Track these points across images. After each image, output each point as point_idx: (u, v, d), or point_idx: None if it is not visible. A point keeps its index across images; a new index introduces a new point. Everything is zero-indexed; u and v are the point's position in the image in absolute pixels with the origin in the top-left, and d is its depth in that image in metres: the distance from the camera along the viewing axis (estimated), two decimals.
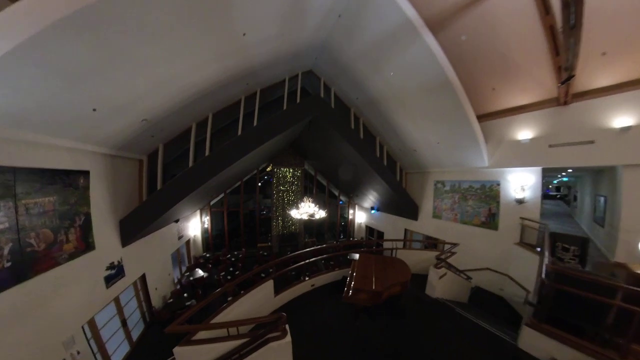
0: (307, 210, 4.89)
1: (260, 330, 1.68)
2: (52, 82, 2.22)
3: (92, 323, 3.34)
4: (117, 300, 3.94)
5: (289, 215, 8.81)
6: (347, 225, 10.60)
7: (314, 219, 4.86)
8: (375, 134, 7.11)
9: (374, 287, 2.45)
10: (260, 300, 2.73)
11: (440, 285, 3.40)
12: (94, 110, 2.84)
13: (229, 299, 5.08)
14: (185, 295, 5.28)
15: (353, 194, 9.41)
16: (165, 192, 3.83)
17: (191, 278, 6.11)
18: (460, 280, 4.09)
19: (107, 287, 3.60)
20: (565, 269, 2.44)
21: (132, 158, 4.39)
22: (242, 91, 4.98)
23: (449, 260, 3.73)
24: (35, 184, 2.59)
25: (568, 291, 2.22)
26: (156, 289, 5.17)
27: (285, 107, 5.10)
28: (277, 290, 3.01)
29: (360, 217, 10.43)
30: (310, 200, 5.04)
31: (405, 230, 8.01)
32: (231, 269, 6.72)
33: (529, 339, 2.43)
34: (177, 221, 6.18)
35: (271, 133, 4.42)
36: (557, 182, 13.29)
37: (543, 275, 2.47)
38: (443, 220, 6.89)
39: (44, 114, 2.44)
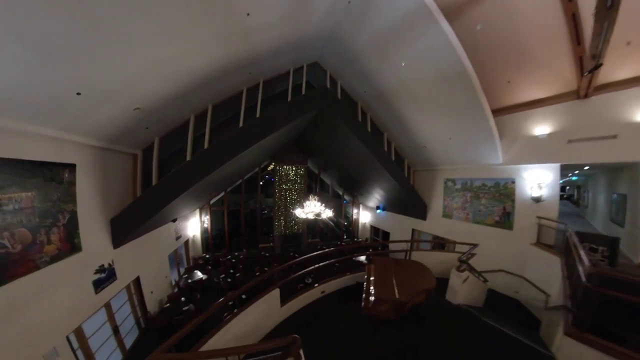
0: (312, 209, 4.60)
1: (269, 356, 1.36)
2: (22, 56, 1.90)
3: (79, 332, 3.02)
4: (107, 306, 3.62)
5: (293, 214, 8.52)
6: (351, 225, 10.32)
7: (320, 218, 4.57)
8: (383, 129, 6.84)
9: (397, 297, 2.16)
10: (265, 311, 2.42)
11: (462, 290, 3.13)
12: (78, 94, 2.52)
13: (230, 303, 4.81)
14: (182, 299, 4.96)
15: (357, 192, 9.14)
16: (160, 187, 3.52)
17: (189, 281, 5.79)
18: (478, 284, 3.83)
19: (97, 292, 3.27)
20: (613, 272, 2.18)
21: (126, 152, 4.06)
22: (244, 81, 4.67)
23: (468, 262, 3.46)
24: (10, 177, 2.27)
25: (615, 296, 1.96)
26: (152, 292, 4.84)
27: (289, 100, 4.81)
28: (284, 299, 2.70)
29: (364, 216, 10.16)
30: (316, 198, 4.75)
31: (413, 230, 7.75)
32: (231, 270, 6.41)
33: (570, 350, 2.16)
34: (174, 220, 5.85)
35: (275, 126, 4.13)
36: (563, 181, 13.11)
37: (583, 279, 2.22)
38: (454, 219, 6.64)
39: (17, 96, 2.12)
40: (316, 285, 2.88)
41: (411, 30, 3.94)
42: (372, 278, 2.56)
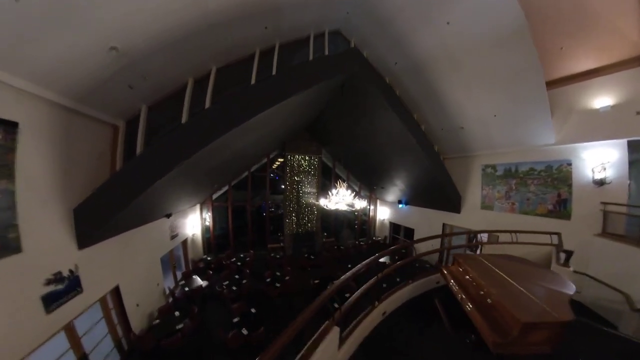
0: (342, 199, 3.63)
1: None
2: None
3: None
4: (69, 328, 2.59)
5: (306, 210, 7.53)
6: (368, 223, 9.32)
7: (353, 209, 3.62)
8: (412, 109, 5.95)
9: (558, 317, 1.21)
10: None
11: None
12: None
13: (235, 319, 3.70)
14: (176, 313, 3.91)
15: (377, 186, 8.19)
16: (147, 158, 2.54)
17: (187, 289, 4.74)
18: None
19: (48, 311, 2.26)
20: None
21: (102, 120, 3.08)
22: (258, 39, 3.75)
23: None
24: None
25: None
26: (138, 305, 3.80)
27: (313, 59, 3.91)
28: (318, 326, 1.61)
29: (383, 213, 9.18)
30: (345, 185, 3.79)
31: (444, 225, 6.81)
32: (237, 276, 5.35)
33: None
34: (168, 216, 4.84)
35: (296, 87, 3.21)
36: None
37: None
38: (496, 211, 5.74)
39: None
40: (376, 303, 1.87)
41: None
42: (479, 289, 1.59)
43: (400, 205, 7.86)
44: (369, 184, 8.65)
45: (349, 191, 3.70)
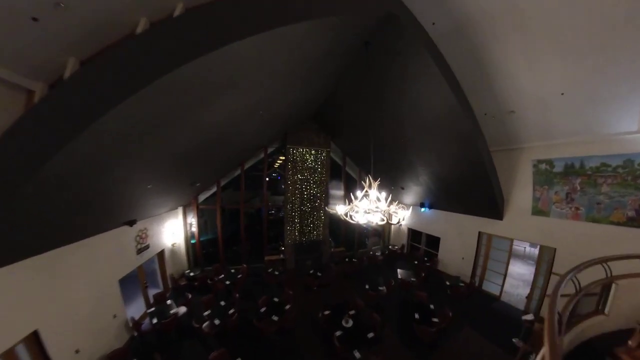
0: (375, 206, 2.39)
1: None
2: None
3: None
4: None
5: (312, 214, 6.36)
6: (382, 229, 8.10)
7: (394, 223, 2.44)
8: None
9: None
10: None
11: None
12: None
13: None
14: None
15: (396, 186, 6.99)
16: (78, 83, 1.58)
17: (154, 321, 3.58)
18: None
19: None
20: None
21: (2, 79, 1.96)
22: None
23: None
24: None
25: None
26: (77, 351, 2.67)
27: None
28: None
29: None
30: (377, 183, 2.57)
31: (480, 234, 5.60)
32: (222, 302, 3.99)
33: None
34: (131, 223, 3.69)
35: (304, 10, 2.10)
36: None
37: None
38: (553, 217, 4.56)
39: None
40: None
41: None
42: None
43: (422, 209, 6.66)
44: (387, 184, 7.47)
45: (384, 193, 2.49)
